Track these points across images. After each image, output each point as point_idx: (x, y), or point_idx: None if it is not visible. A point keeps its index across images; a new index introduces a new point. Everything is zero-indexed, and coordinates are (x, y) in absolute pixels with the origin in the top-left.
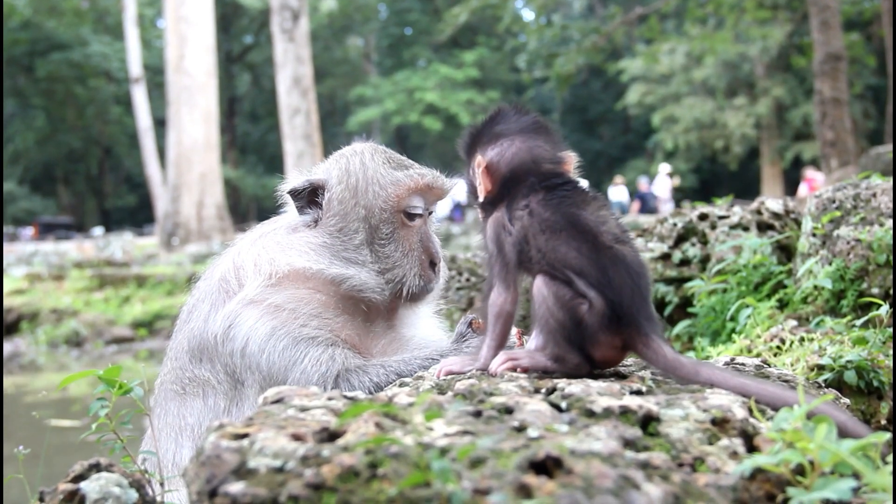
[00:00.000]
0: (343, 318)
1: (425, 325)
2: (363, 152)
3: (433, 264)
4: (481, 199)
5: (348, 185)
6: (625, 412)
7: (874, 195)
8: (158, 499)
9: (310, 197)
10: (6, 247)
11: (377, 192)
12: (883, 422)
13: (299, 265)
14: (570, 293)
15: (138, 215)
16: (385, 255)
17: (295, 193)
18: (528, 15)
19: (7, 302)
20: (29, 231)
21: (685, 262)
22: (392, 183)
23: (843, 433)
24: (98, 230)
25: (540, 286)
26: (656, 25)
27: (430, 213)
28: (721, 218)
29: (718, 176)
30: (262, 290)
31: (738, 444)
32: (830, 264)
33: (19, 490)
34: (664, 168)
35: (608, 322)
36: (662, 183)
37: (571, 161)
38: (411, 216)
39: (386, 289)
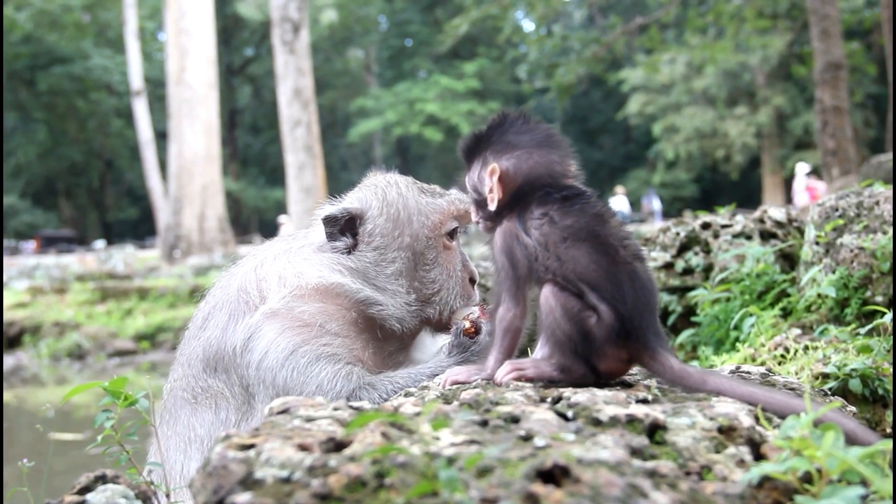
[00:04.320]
0: (364, 338)
1: (435, 348)
2: (397, 183)
3: (472, 281)
4: (492, 207)
5: (390, 215)
6: (631, 421)
7: (877, 203)
8: None
9: (345, 225)
10: (8, 260)
11: (423, 221)
12: (888, 430)
13: (332, 280)
14: (579, 305)
15: (140, 228)
16: (430, 279)
17: (330, 220)
18: (529, 26)
19: (9, 315)
20: (31, 244)
21: (688, 271)
22: (435, 210)
23: (851, 440)
24: (100, 243)
25: (548, 296)
26: (656, 35)
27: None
28: (724, 227)
29: (719, 185)
30: (287, 301)
31: (745, 452)
32: (834, 272)
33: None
34: (802, 168)
35: (616, 336)
36: (801, 183)
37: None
38: (451, 236)
39: (422, 315)
